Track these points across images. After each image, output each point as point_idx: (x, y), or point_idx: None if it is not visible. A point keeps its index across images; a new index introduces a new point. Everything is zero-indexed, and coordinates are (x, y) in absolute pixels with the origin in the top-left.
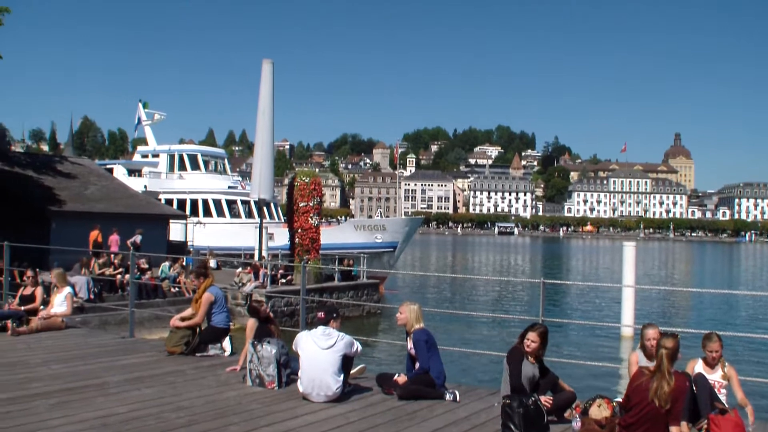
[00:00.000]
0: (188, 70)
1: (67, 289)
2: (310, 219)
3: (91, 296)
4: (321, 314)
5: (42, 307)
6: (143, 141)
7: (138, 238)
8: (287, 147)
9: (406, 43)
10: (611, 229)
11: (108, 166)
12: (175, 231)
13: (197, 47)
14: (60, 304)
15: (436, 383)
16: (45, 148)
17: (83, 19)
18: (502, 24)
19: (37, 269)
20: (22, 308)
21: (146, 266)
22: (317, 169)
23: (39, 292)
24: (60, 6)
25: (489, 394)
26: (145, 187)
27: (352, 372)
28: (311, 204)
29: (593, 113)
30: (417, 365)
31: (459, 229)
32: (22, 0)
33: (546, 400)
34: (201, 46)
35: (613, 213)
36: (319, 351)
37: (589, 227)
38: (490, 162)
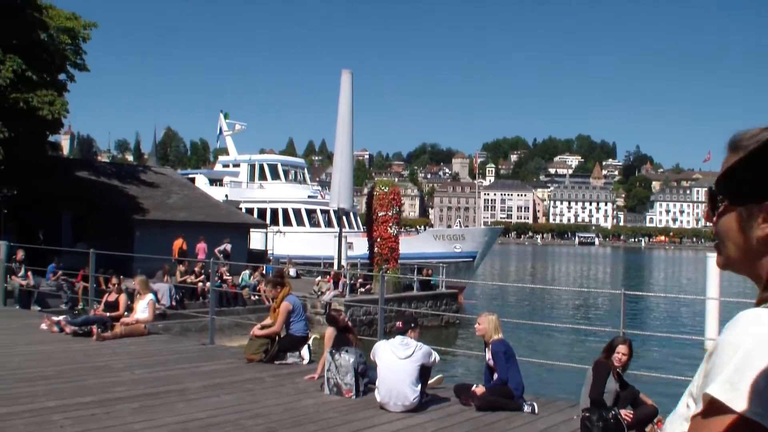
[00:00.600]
0: (268, 81)
1: (150, 296)
2: (389, 228)
3: (173, 303)
4: (399, 324)
5: (126, 313)
6: (224, 151)
7: (228, 247)
8: (366, 156)
9: (484, 51)
10: (694, 239)
11: (190, 176)
12: (256, 240)
13: (277, 57)
14: (143, 310)
15: (515, 395)
16: (129, 158)
17: (166, 32)
18: (580, 30)
19: (121, 276)
20: (107, 314)
21: (227, 275)
22: (396, 179)
23: (123, 298)
24: (144, 20)
25: (568, 407)
26: (226, 196)
27: (429, 382)
28: (390, 213)
29: (676, 121)
30: (495, 376)
31: (539, 239)
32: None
33: (626, 414)
34: (281, 57)
35: (697, 223)
36: (397, 360)
37: (667, 238)
38: (570, 171)
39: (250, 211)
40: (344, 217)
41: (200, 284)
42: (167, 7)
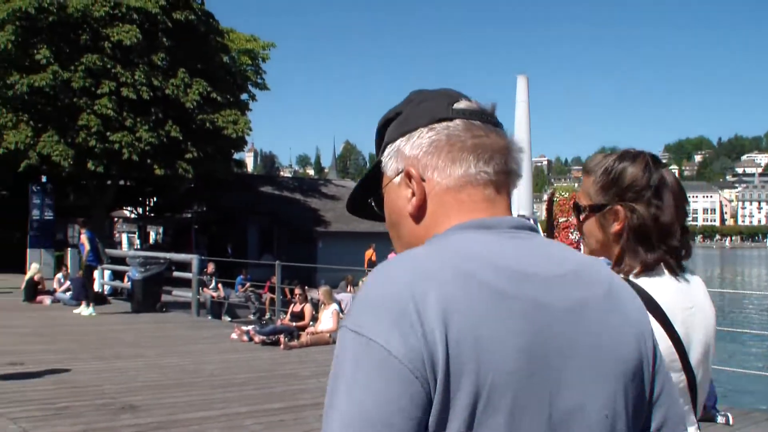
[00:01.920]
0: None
1: (334, 306)
2: (570, 234)
3: None
4: None
5: (311, 323)
6: None
7: None
8: (545, 162)
9: (663, 50)
10: None
11: None
12: None
13: (450, 65)
14: (327, 320)
15: (707, 404)
16: (310, 172)
17: (341, 48)
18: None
19: (306, 287)
20: (294, 324)
21: None
22: (576, 184)
23: (308, 308)
24: (320, 37)
25: (766, 420)
26: None
27: None
28: (572, 219)
29: None
30: None
31: (727, 243)
32: (286, 33)
33: None
34: (454, 64)
35: None
36: None
37: None
38: (760, 170)
39: None
40: None
41: None
42: (341, 23)
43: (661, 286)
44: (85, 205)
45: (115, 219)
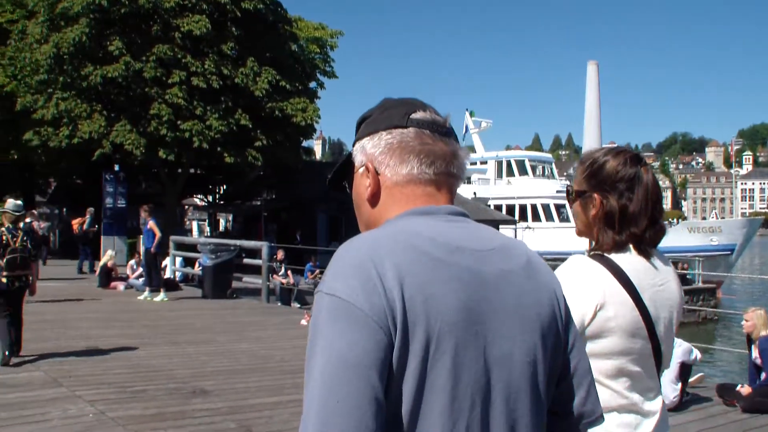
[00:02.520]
0: (513, 77)
1: None
2: None
3: None
4: None
5: None
6: (471, 149)
7: None
8: None
9: (736, 34)
10: None
11: None
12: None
13: (521, 53)
14: None
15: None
16: None
17: (407, 35)
18: None
19: None
20: None
21: None
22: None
23: None
24: (387, 24)
25: None
26: (475, 193)
27: (690, 380)
28: None
29: None
30: (763, 375)
31: None
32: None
33: None
34: (525, 52)
35: None
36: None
37: None
38: None
39: (498, 207)
40: None
41: None
42: (409, 10)
43: (629, 261)
44: (156, 193)
45: (186, 207)
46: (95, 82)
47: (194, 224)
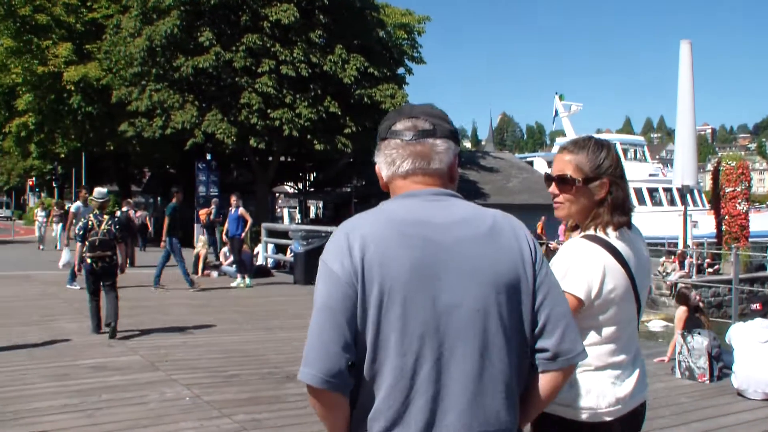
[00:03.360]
0: (602, 59)
1: None
2: (738, 205)
3: None
4: (758, 306)
5: None
6: (561, 133)
7: None
8: (708, 131)
9: None
10: None
11: (528, 160)
12: None
13: (611, 35)
14: None
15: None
16: (467, 144)
17: (497, 18)
18: None
19: None
20: None
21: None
22: (743, 153)
23: None
24: (476, 8)
25: None
26: None
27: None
28: (739, 189)
29: None
30: None
31: None
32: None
33: None
34: (615, 34)
35: None
36: (757, 345)
37: None
38: None
39: None
40: (688, 195)
41: None
42: None
43: (617, 239)
44: (247, 181)
45: (277, 194)
46: (187, 73)
47: (285, 211)
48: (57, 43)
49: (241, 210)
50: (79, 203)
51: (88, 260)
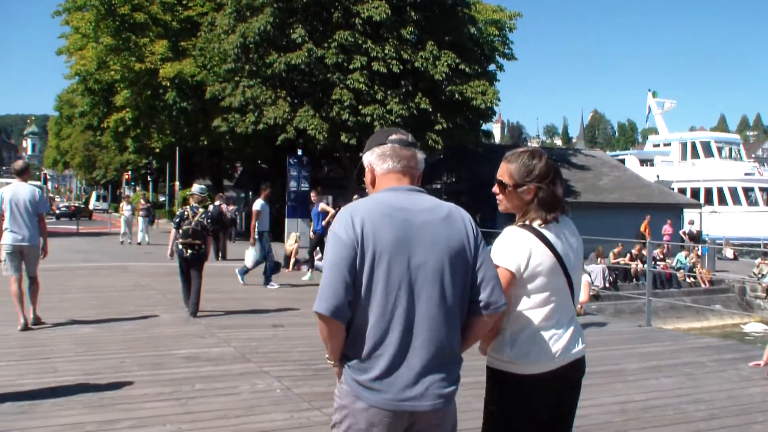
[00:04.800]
0: (697, 55)
1: (586, 277)
2: None
3: (607, 284)
4: None
5: None
6: (653, 131)
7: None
8: None
9: None
10: None
11: (620, 157)
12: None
13: (706, 30)
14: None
15: None
16: (558, 142)
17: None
18: None
19: None
20: None
21: (661, 256)
22: None
23: None
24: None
25: None
26: (658, 176)
27: None
28: None
29: None
30: None
31: None
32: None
33: None
34: (710, 29)
35: None
36: None
37: None
38: None
39: (682, 190)
40: None
41: (634, 265)
42: None
43: (550, 230)
44: (338, 176)
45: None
46: (279, 70)
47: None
48: (154, 40)
49: (322, 205)
50: (262, 201)
51: (180, 246)
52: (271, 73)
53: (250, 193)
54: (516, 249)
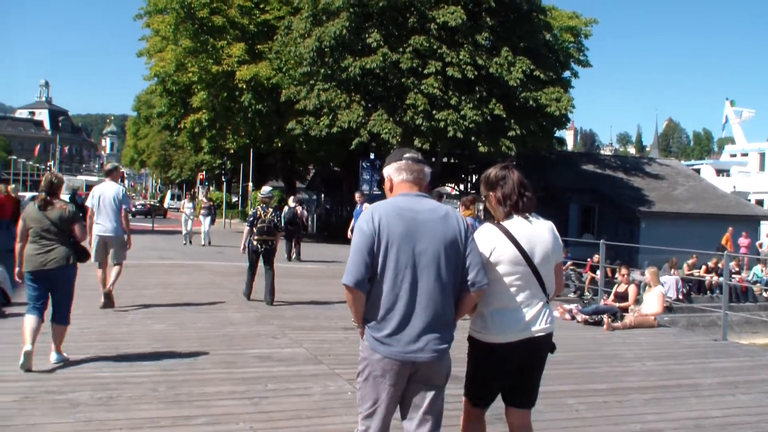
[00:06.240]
0: None
1: (659, 288)
2: None
3: (680, 296)
4: None
5: (635, 304)
6: (730, 140)
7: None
8: None
9: None
10: None
11: (695, 167)
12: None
13: None
14: (652, 302)
15: None
16: (631, 150)
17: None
18: None
19: (630, 267)
20: (617, 305)
21: (736, 268)
22: None
23: (633, 289)
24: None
25: None
26: (734, 187)
27: None
28: None
29: None
30: None
31: None
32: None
33: None
34: None
35: None
36: None
37: None
38: None
39: (759, 202)
40: None
41: (710, 278)
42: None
43: (513, 222)
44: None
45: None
46: (354, 74)
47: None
48: (231, 43)
49: (366, 205)
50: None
51: (255, 242)
52: (346, 77)
53: (322, 195)
54: (484, 240)
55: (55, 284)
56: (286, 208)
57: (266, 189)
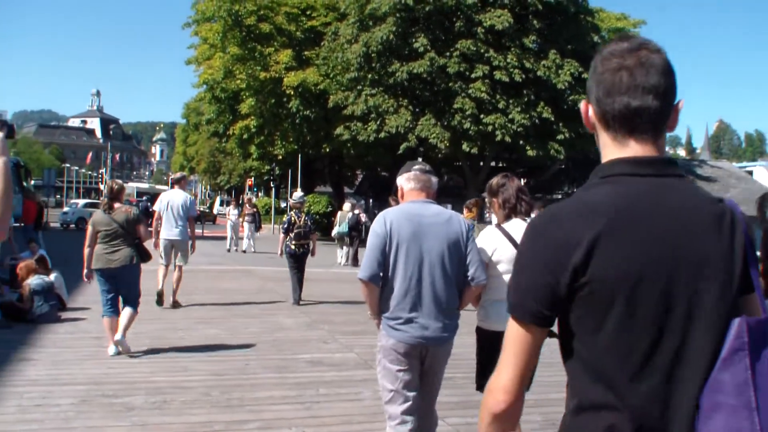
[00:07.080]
0: None
1: None
2: None
3: None
4: None
5: None
6: None
7: None
8: None
9: None
10: None
11: (748, 169)
12: None
13: None
14: None
15: None
16: (681, 153)
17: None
18: None
19: None
20: None
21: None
22: None
23: None
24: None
25: None
26: None
27: None
28: None
29: None
30: None
31: None
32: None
33: None
34: None
35: None
36: None
37: None
38: None
39: None
40: None
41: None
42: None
43: (512, 224)
44: (458, 185)
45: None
46: (401, 78)
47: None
48: (278, 50)
49: None
50: None
51: (292, 246)
52: (393, 81)
53: (370, 200)
54: (487, 242)
55: (121, 281)
56: (349, 215)
57: (297, 195)
